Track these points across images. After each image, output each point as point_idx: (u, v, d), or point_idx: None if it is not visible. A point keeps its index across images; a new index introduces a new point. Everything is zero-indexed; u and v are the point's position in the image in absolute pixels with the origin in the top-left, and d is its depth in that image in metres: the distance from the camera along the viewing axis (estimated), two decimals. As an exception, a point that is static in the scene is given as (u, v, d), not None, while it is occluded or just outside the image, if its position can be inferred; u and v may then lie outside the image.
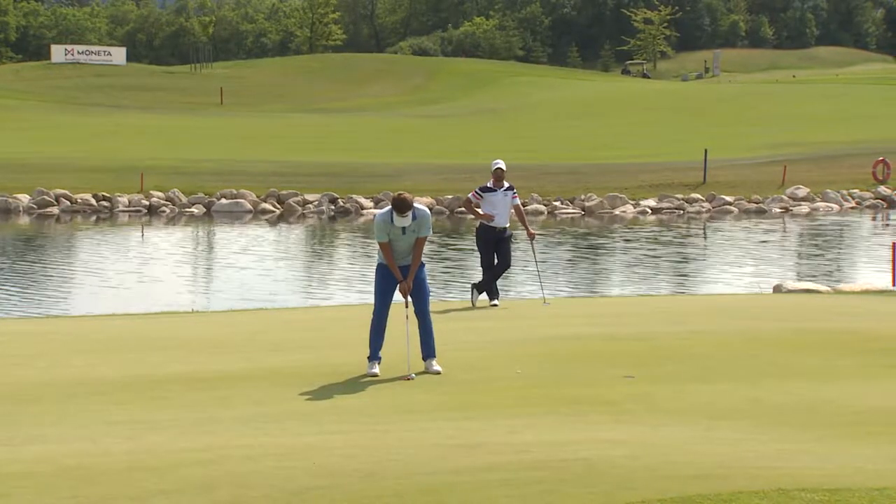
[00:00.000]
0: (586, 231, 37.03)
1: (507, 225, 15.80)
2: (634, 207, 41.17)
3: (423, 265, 10.99)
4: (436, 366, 10.75)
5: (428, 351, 10.85)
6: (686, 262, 30.85)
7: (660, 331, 12.95)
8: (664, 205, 41.45)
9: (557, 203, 41.17)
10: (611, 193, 41.66)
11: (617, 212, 40.66)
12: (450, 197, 41.48)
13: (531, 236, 16.16)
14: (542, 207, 40.79)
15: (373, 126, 67.59)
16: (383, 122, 71.03)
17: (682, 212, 40.99)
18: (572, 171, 46.35)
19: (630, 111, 75.07)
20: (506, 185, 15.71)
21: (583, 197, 41.37)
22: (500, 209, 15.60)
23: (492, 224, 15.63)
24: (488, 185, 15.73)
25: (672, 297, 21.31)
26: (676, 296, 21.86)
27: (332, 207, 40.72)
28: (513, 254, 16.26)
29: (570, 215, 40.24)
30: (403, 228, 10.73)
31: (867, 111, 69.95)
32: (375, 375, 10.60)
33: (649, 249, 32.34)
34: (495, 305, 15.66)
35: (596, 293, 23.48)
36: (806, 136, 58.11)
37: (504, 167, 15.74)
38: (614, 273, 28.38)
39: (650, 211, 41.03)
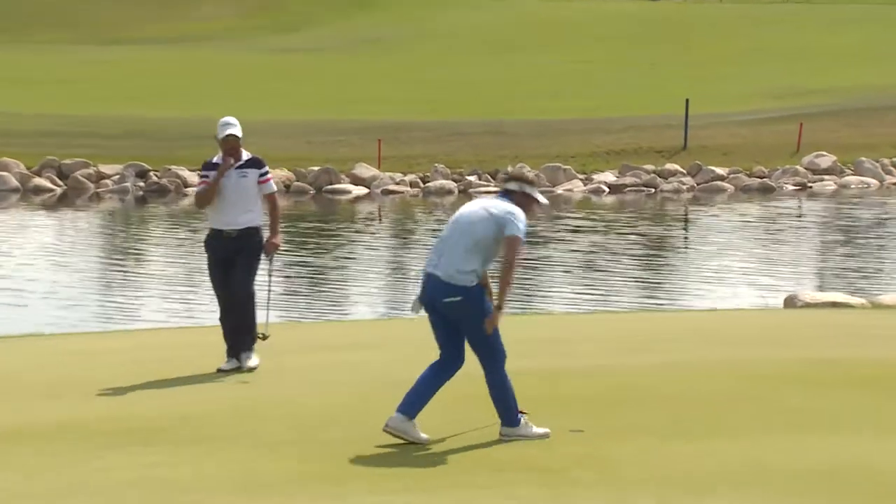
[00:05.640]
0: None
1: (252, 225, 13.47)
2: (585, 184, 41.50)
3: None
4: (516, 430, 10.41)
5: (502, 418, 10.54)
6: (659, 264, 31.11)
7: (620, 363, 13.01)
8: (628, 180, 41.82)
9: (472, 178, 41.33)
10: (550, 164, 41.92)
11: (560, 190, 40.93)
12: (316, 168, 41.37)
13: (271, 247, 13.55)
14: (451, 184, 40.90)
15: (202, 64, 67.16)
16: (218, 57, 70.62)
17: (653, 190, 41.39)
18: (494, 131, 46.52)
19: (578, 43, 75.54)
20: (246, 157, 13.46)
21: (509, 169, 41.57)
22: (232, 199, 13.34)
23: (218, 226, 13.41)
24: (214, 159, 13.50)
25: (638, 313, 21.47)
26: (644, 312, 22.03)
27: (142, 184, 40.41)
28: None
29: (490, 195, 40.37)
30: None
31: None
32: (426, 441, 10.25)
33: (606, 246, 32.55)
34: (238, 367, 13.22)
35: (529, 309, 23.58)
36: (829, 80, 58.95)
37: (240, 133, 13.39)
38: (556, 281, 28.52)
39: (608, 189, 41.38)
